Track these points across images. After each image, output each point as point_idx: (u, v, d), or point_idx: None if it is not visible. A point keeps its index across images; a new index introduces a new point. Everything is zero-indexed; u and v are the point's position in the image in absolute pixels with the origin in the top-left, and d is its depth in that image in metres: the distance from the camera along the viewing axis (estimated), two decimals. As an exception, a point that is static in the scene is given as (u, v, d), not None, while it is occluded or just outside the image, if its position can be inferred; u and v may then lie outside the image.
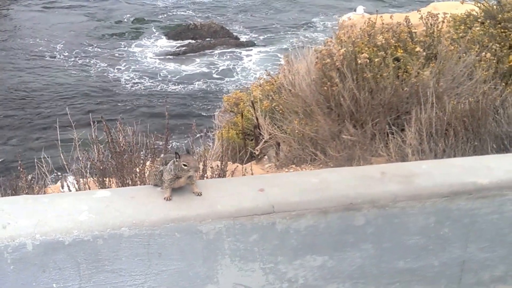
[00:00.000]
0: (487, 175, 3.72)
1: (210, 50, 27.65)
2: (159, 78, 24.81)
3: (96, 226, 3.30)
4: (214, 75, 25.30)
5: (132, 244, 3.35)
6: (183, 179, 3.45)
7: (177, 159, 3.39)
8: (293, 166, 8.72)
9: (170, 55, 27.38)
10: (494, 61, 8.50)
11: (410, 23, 8.56)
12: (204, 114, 18.81)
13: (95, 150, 5.19)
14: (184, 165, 3.37)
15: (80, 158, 5.21)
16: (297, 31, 30.44)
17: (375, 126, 7.99)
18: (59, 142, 5.33)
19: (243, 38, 29.79)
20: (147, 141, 5.21)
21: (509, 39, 9.20)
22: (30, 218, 3.30)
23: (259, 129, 10.22)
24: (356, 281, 3.80)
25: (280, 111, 9.74)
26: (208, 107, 20.25)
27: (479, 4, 9.82)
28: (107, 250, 3.33)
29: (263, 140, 9.95)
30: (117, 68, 25.68)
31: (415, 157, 7.23)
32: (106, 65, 26.07)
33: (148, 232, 3.35)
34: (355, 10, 16.98)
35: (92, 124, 5.23)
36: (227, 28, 30.53)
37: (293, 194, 3.56)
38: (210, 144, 10.31)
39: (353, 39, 7.92)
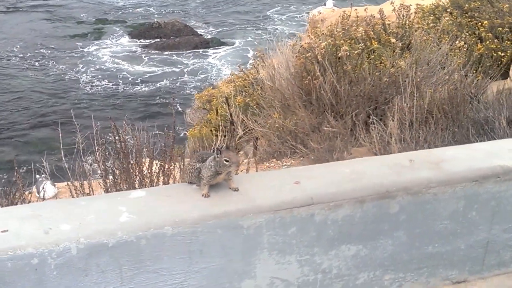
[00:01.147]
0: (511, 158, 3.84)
1: (175, 49, 27.16)
2: (122, 79, 24.16)
3: (138, 226, 3.25)
4: (181, 74, 24.73)
5: (174, 243, 3.31)
6: (222, 175, 3.42)
7: (218, 155, 3.36)
8: (274, 160, 8.74)
9: (134, 55, 26.65)
10: (465, 49, 8.73)
11: (384, 15, 8.70)
12: (173, 113, 18.60)
13: (98, 152, 5.09)
14: (226, 160, 3.34)
15: (84, 160, 5.10)
16: (258, 25, 30.32)
17: (355, 117, 8.10)
18: (61, 145, 5.20)
19: (206, 35, 29.43)
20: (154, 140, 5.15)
21: (477, 28, 9.47)
22: (70, 222, 3.22)
23: (234, 125, 10.20)
24: (386, 268, 3.85)
25: (256, 106, 9.75)
26: (178, 106, 19.90)
27: (446, -6, 10.07)
28: (149, 250, 3.29)
29: (238, 136, 9.94)
30: (76, 70, 24.84)
31: (398, 146, 7.36)
32: (65, 66, 25.18)
33: (190, 230, 3.31)
34: (324, 4, 17.05)
35: (94, 125, 5.11)
36: (191, 25, 30.20)
37: (330, 185, 3.58)
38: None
39: (335, 32, 8.00)
